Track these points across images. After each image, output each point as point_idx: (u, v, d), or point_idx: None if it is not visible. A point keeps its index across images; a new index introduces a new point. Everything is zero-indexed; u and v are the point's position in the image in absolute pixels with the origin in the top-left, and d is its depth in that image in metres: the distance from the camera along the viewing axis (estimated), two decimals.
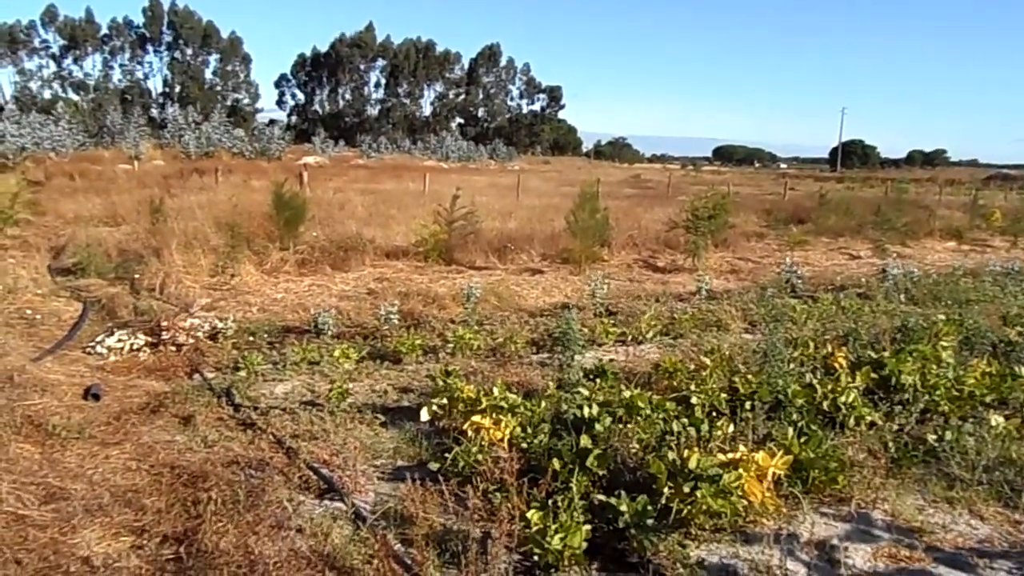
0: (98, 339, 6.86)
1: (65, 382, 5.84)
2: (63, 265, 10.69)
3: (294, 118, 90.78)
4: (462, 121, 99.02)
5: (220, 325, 7.14)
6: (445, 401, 5.25)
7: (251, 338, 7.21)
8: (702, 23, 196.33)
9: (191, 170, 28.46)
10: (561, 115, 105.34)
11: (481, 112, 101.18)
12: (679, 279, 12.23)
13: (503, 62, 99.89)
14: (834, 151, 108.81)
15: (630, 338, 7.90)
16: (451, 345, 7.17)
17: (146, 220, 13.31)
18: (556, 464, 4.07)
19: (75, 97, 71.06)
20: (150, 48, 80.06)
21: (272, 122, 55.21)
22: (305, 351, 6.67)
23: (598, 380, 5.92)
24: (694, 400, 5.12)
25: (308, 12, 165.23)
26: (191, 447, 4.69)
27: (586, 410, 4.88)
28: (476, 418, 4.81)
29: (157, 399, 5.54)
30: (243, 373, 6.20)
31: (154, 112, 68.74)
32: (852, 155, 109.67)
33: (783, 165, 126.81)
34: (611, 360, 7.00)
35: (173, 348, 6.74)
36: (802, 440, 4.42)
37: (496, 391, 5.25)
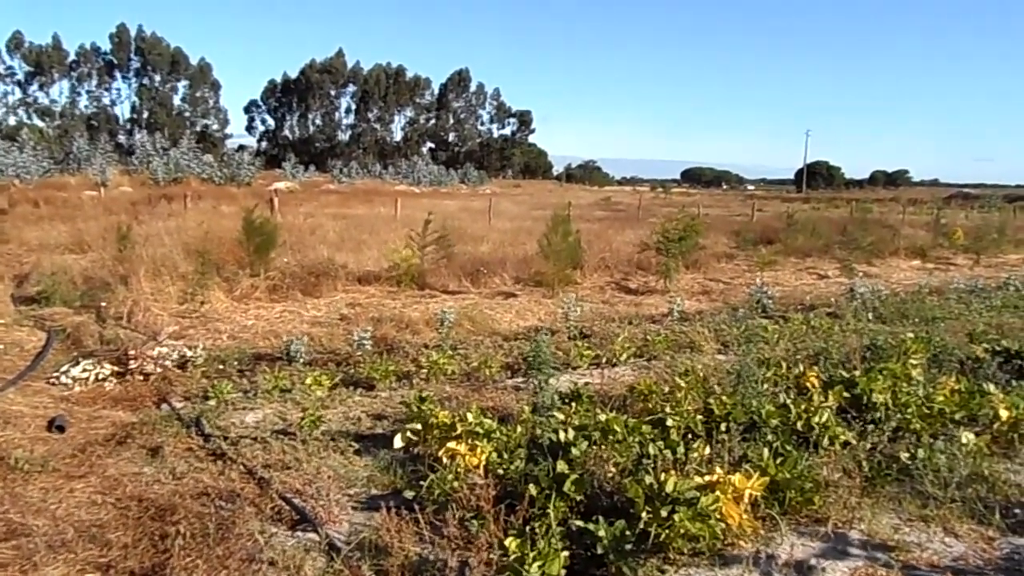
0: (63, 369, 6.70)
1: (28, 414, 5.69)
2: (26, 294, 10.46)
3: (264, 144, 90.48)
4: (433, 146, 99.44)
5: (189, 353, 7.01)
6: (419, 427, 5.19)
7: (221, 366, 7.09)
8: (668, 48, 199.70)
9: (159, 196, 28.15)
10: (531, 139, 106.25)
11: (452, 136, 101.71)
12: (651, 301, 12.29)
13: (473, 87, 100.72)
14: (800, 172, 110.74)
15: (604, 360, 7.90)
16: (425, 370, 7.11)
17: (112, 247, 13.10)
18: (533, 490, 4.03)
19: (40, 124, 70.15)
20: (118, 74, 79.54)
21: (242, 148, 55.01)
22: (277, 379, 6.57)
23: (573, 404, 5.90)
24: (669, 422, 5.12)
25: (278, 38, 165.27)
26: (159, 479, 4.58)
27: (562, 434, 4.85)
28: (451, 444, 4.77)
29: (124, 430, 5.41)
30: (213, 402, 6.09)
31: (122, 138, 68.30)
32: (817, 176, 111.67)
33: (750, 187, 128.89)
34: (586, 383, 6.98)
35: (140, 377, 6.61)
36: (778, 461, 4.43)
37: (471, 416, 5.21)
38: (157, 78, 79.79)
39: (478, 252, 15.79)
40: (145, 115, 78.46)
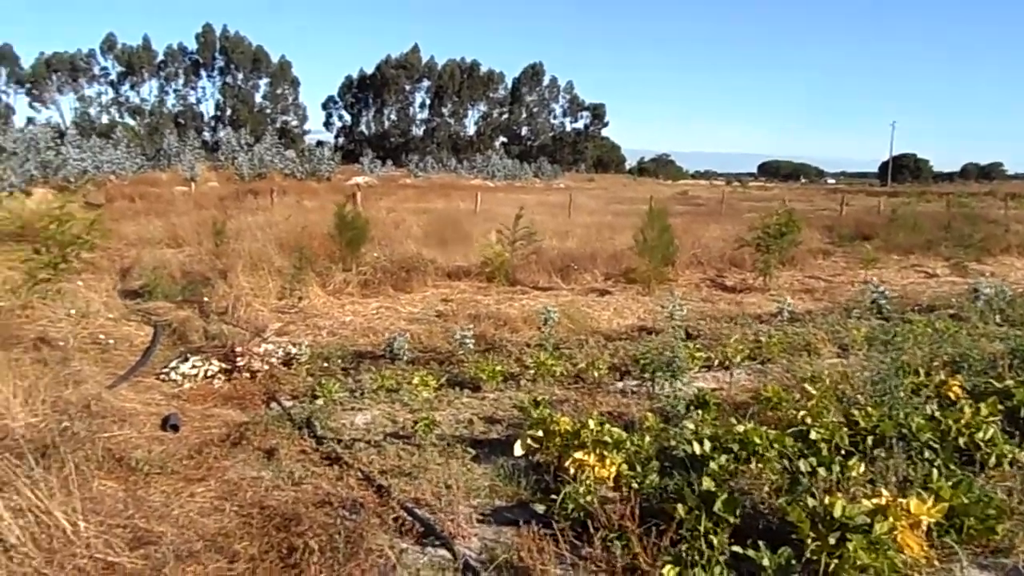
0: (172, 365, 6.68)
1: (142, 411, 5.65)
2: (130, 288, 10.65)
3: (341, 139, 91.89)
4: (506, 140, 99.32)
5: (294, 351, 6.92)
6: (540, 434, 4.91)
7: (325, 364, 6.97)
8: (745, 38, 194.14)
9: (245, 191, 28.78)
10: (604, 132, 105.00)
11: (524, 131, 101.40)
12: (753, 299, 11.74)
13: (546, 81, 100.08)
14: (884, 165, 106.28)
15: (716, 363, 7.48)
16: (532, 371, 6.84)
17: (209, 242, 13.30)
18: (681, 510, 3.69)
19: (131, 122, 73.02)
20: (203, 73, 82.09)
21: (320, 143, 55.71)
22: (382, 378, 6.40)
23: (699, 411, 5.53)
24: (813, 435, 4.70)
25: (355, 35, 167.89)
26: (278, 484, 4.42)
27: (696, 446, 4.50)
28: (578, 454, 4.48)
29: (237, 430, 5.30)
30: (321, 402, 5.95)
31: (207, 135, 70.40)
32: (903, 169, 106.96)
33: (831, 180, 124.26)
34: (700, 388, 6.62)
35: (247, 375, 6.53)
36: (951, 484, 3.97)
37: (592, 423, 4.91)
38: (240, 76, 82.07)
39: (565, 247, 15.47)
40: (228, 112, 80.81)
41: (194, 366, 6.49)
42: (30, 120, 59.12)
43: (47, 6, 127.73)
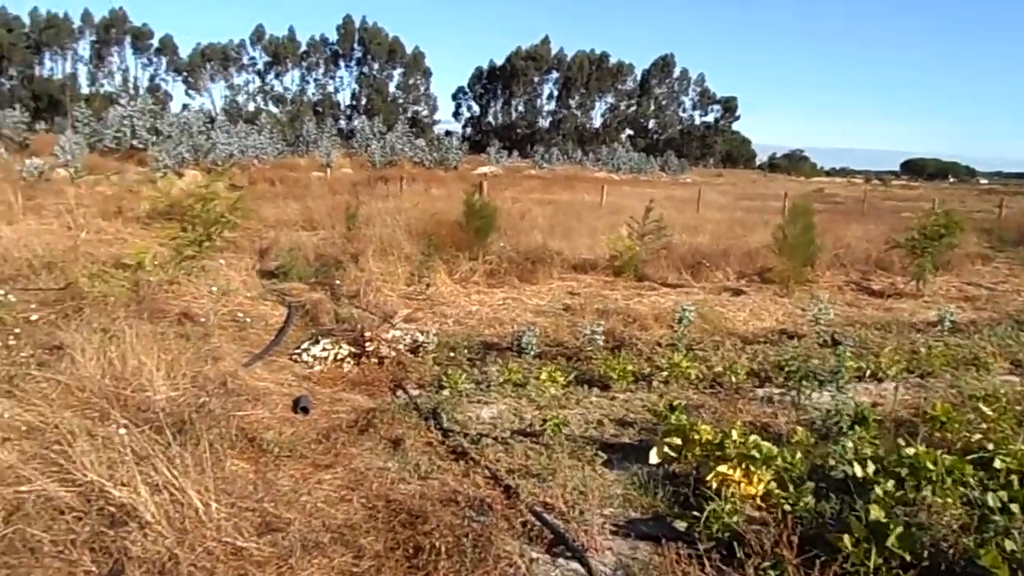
0: (303, 346, 6.76)
1: (274, 391, 5.71)
2: (267, 268, 11.00)
3: (468, 129, 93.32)
4: (632, 132, 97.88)
5: (421, 338, 6.84)
6: (678, 442, 4.56)
7: (451, 354, 6.85)
8: (884, 26, 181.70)
9: (377, 178, 29.58)
10: (735, 126, 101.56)
11: (652, 123, 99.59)
12: (904, 306, 10.82)
13: (676, 73, 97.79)
14: None
15: (867, 374, 6.84)
16: (664, 372, 6.47)
17: (341, 226, 13.61)
18: (847, 541, 3.27)
19: (275, 109, 76.97)
20: (341, 63, 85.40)
21: (449, 133, 56.73)
22: (509, 371, 6.21)
23: (856, 427, 5.01)
24: (998, 463, 4.12)
25: (487, 27, 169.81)
26: (404, 477, 4.30)
27: (858, 468, 4.04)
28: (722, 468, 4.11)
29: (364, 416, 5.25)
30: (447, 392, 5.82)
31: (342, 123, 73.20)
32: None
33: (983, 180, 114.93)
34: (850, 400, 6.06)
35: (375, 360, 6.50)
36: None
37: (735, 434, 4.52)
38: (376, 66, 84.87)
39: (695, 243, 14.87)
40: (363, 101, 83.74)
41: (324, 349, 6.52)
42: (185, 106, 63.33)
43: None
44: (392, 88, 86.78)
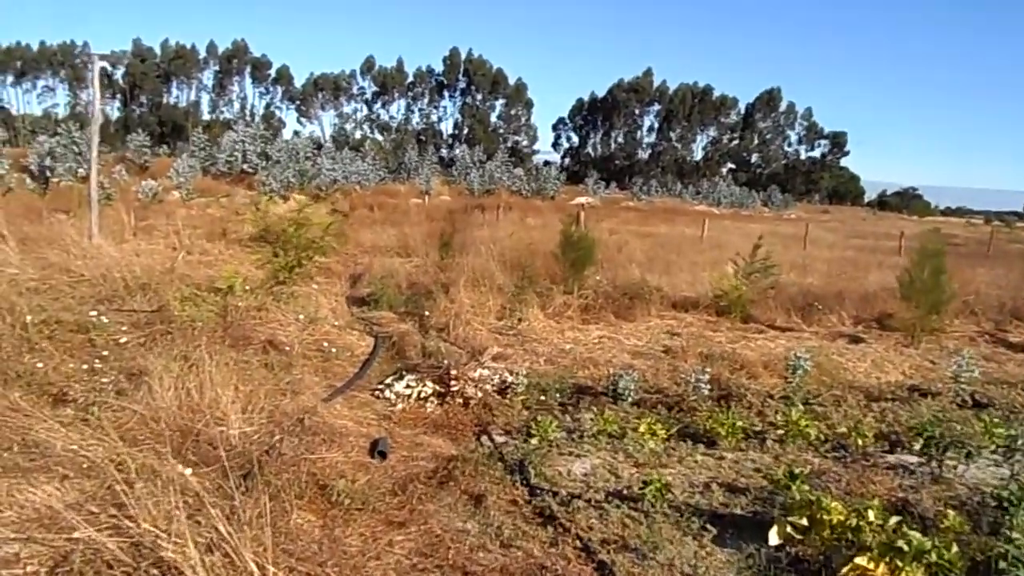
0: (387, 381, 6.43)
1: (352, 431, 5.37)
2: (358, 294, 10.86)
3: (567, 160, 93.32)
4: (734, 166, 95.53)
5: (510, 379, 6.40)
6: (804, 522, 3.91)
7: (542, 397, 6.37)
8: (1007, 61, 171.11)
9: (474, 206, 29.62)
10: (843, 162, 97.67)
11: (755, 157, 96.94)
12: None
13: (782, 107, 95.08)
14: None
15: (1021, 443, 5.93)
16: (779, 430, 5.79)
17: (435, 254, 13.41)
18: None
19: (379, 137, 79.17)
20: (445, 94, 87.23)
21: (547, 163, 56.82)
22: (604, 421, 5.67)
23: (1010, 509, 4.22)
24: None
25: (590, 59, 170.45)
26: (484, 543, 3.83)
27: None
28: (860, 560, 3.46)
29: (445, 466, 4.82)
30: (536, 441, 5.34)
31: (443, 152, 74.59)
32: None
33: None
34: (1000, 472, 5.25)
35: (460, 401, 6.09)
36: None
37: (872, 515, 3.86)
38: (479, 97, 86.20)
39: (804, 283, 13.93)
40: (465, 131, 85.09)
41: (408, 386, 6.17)
42: (296, 133, 65.87)
43: (320, 32, 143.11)
44: (494, 118, 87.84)
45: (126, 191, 23.09)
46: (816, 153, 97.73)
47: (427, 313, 9.05)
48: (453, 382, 6.15)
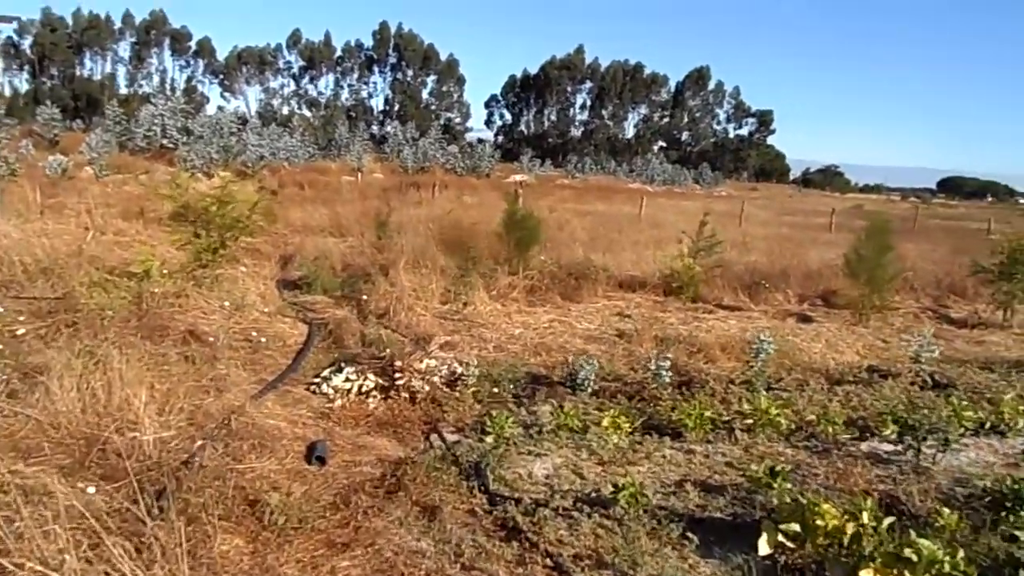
0: (324, 374, 5.84)
1: (286, 432, 4.78)
2: (290, 277, 10.14)
3: (500, 137, 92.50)
4: (665, 144, 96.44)
5: (459, 369, 5.89)
6: (796, 528, 3.54)
7: (494, 389, 5.89)
8: (928, 43, 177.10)
9: (409, 184, 28.83)
10: (769, 140, 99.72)
11: (685, 135, 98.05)
12: (994, 339, 9.68)
13: (711, 85, 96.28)
14: None
15: (988, 426, 5.77)
16: (748, 419, 5.46)
17: (371, 233, 12.74)
18: None
19: (308, 113, 76.83)
20: (375, 69, 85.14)
21: (481, 141, 55.87)
22: (564, 415, 5.23)
23: (1008, 505, 3.97)
24: None
25: (522, 37, 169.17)
26: (442, 567, 3.34)
27: None
28: (866, 574, 3.11)
29: (393, 471, 4.30)
30: (491, 439, 4.86)
31: (375, 128, 72.90)
32: None
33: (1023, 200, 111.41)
34: (977, 459, 5.05)
35: (406, 395, 5.56)
36: None
37: (866, 516, 3.54)
38: (410, 73, 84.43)
39: (748, 261, 13.81)
40: (396, 107, 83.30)
41: (348, 379, 5.60)
42: (220, 109, 63.11)
43: (244, 2, 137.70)
44: (425, 95, 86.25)
45: (32, 167, 21.45)
46: (744, 131, 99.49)
47: (365, 297, 8.43)
48: (398, 374, 5.61)
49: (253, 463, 4.20)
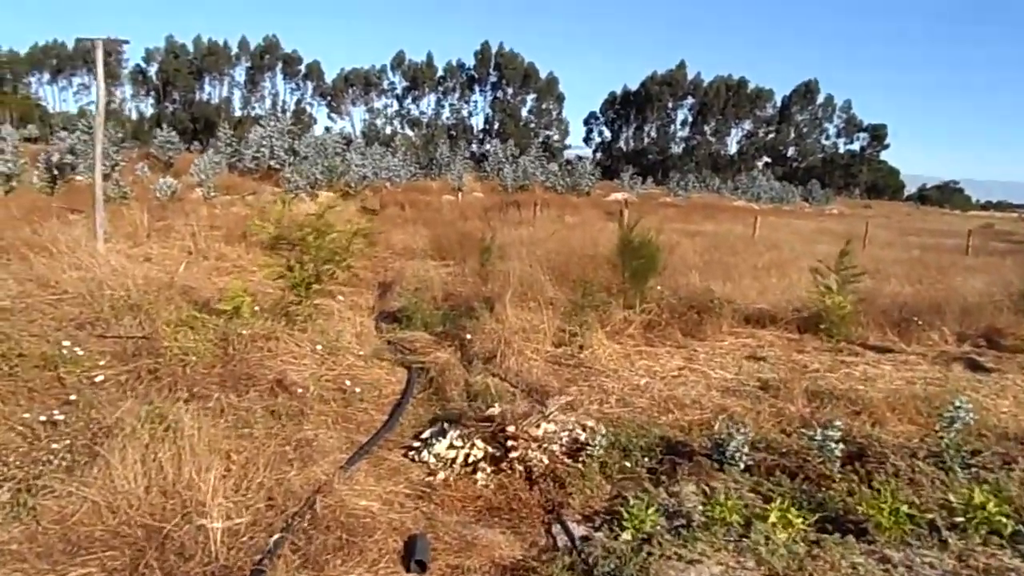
0: (425, 436, 5.01)
1: (380, 518, 3.96)
2: (389, 308, 9.48)
3: (599, 154, 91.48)
4: (769, 160, 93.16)
5: (583, 436, 4.94)
6: None
7: (625, 461, 4.90)
8: None
9: (509, 203, 28.24)
10: (882, 155, 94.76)
11: (791, 151, 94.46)
12: None
13: (820, 99, 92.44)
14: None
15: None
16: (960, 517, 4.27)
17: (473, 259, 11.99)
18: None
19: (410, 133, 78.14)
20: (476, 88, 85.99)
21: (580, 158, 55.01)
22: (716, 505, 4.20)
23: None
24: None
25: (623, 53, 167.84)
26: None
27: None
28: None
29: None
30: (627, 535, 3.89)
31: (475, 147, 73.34)
32: None
33: None
34: None
35: (521, 468, 4.65)
36: None
37: None
38: (510, 91, 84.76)
39: (891, 293, 12.31)
40: (496, 125, 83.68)
41: (452, 446, 4.74)
42: (326, 129, 64.92)
43: (350, 26, 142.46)
44: (525, 112, 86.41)
45: (146, 189, 21.96)
46: (855, 146, 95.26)
47: (469, 336, 7.60)
48: (511, 442, 4.71)
49: (338, 568, 3.38)
